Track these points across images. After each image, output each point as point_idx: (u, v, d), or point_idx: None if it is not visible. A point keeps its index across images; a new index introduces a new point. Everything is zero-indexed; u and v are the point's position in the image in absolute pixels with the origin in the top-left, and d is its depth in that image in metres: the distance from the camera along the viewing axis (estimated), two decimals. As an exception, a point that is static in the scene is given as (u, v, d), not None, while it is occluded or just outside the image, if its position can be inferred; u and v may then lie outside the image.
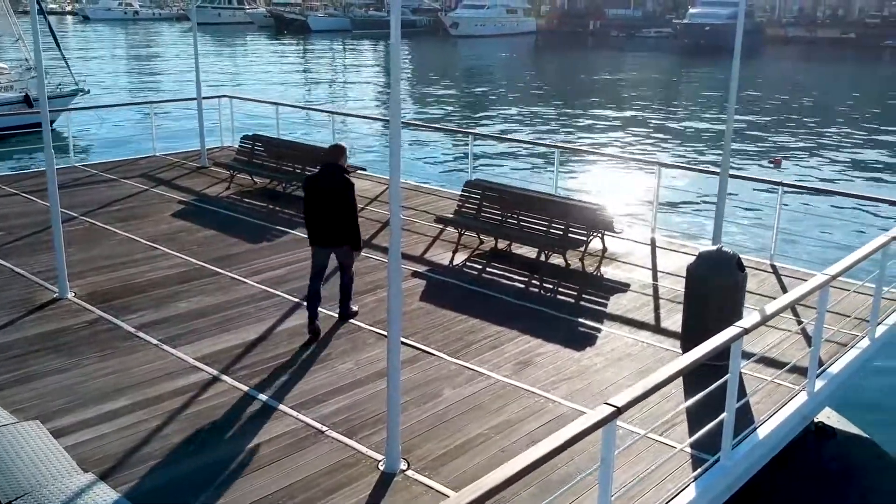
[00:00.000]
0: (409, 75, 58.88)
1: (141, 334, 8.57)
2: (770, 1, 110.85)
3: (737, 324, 6.14)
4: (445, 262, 11.19)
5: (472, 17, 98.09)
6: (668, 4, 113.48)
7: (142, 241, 11.75)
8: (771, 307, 6.74)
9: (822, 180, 23.83)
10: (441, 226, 12.31)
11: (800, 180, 23.00)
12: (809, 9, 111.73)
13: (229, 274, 10.43)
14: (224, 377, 7.65)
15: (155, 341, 8.40)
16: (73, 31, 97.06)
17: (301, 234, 12.07)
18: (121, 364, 7.88)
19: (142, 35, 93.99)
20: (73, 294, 9.64)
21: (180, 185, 15.08)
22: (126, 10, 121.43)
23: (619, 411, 4.63)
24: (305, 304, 8.88)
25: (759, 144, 29.77)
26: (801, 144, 30.43)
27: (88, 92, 30.60)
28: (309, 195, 8.44)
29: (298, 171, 14.37)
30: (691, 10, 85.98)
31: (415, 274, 10.62)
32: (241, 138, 15.68)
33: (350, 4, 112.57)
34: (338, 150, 8.58)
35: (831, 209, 17.32)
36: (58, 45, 29.69)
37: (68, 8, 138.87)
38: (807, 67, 70.87)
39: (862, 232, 15.90)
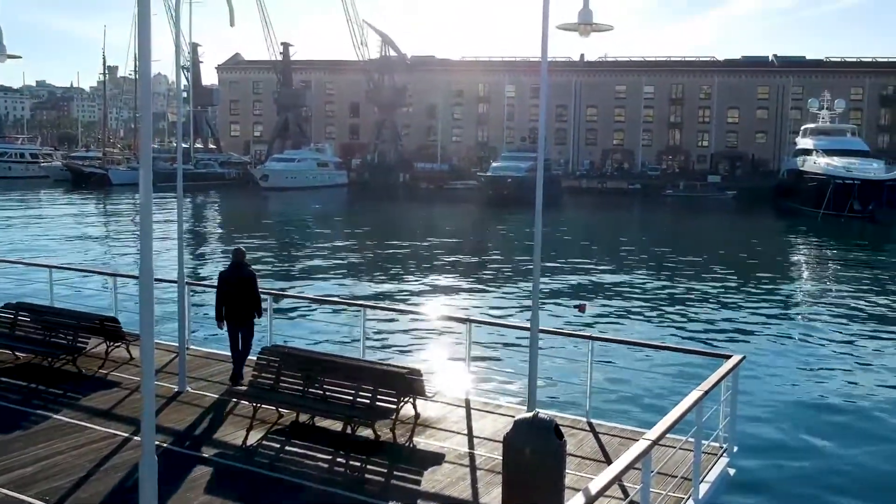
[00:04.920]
0: (212, 229, 57.45)
1: None
2: (564, 155, 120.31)
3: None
4: (238, 442, 9.83)
5: (282, 170, 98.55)
6: (473, 159, 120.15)
7: None
8: (594, 485, 6.10)
9: (627, 316, 24.57)
10: (234, 399, 10.99)
11: (606, 326, 23.52)
12: (599, 162, 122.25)
13: (-36, 477, 8.52)
14: None
15: None
16: None
17: (64, 418, 10.39)
18: None
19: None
20: None
21: (-78, 365, 12.79)
22: None
23: None
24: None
25: (564, 290, 30.63)
26: (604, 288, 31.64)
27: None
28: (224, 286, 11.87)
29: (69, 341, 12.62)
30: (493, 164, 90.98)
31: (200, 461, 9.18)
32: (2, 307, 13.71)
33: (154, 158, 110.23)
34: (242, 253, 12.07)
35: (641, 360, 17.53)
36: None
37: None
38: (601, 215, 76.20)
39: (671, 380, 16.07)
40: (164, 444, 9.47)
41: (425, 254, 41.65)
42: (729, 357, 9.95)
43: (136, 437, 9.73)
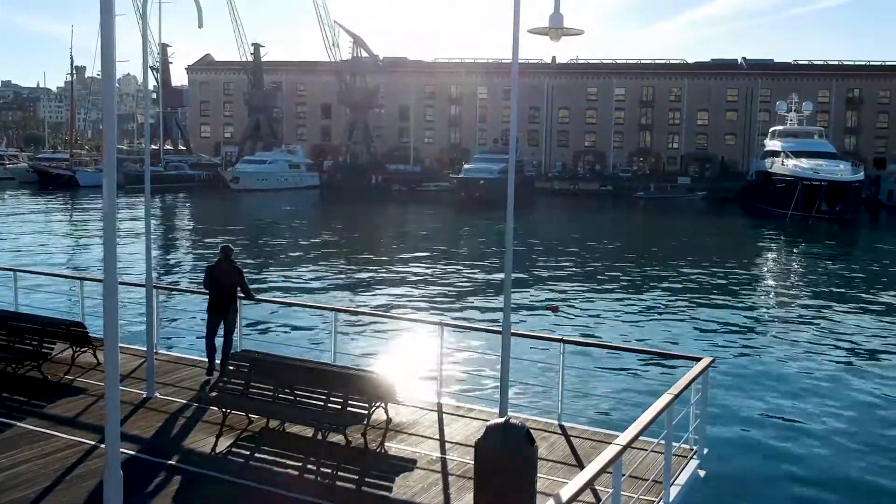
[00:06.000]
0: (181, 232, 56.93)
1: None
2: (537, 156, 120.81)
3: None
4: (207, 449, 9.69)
5: (254, 172, 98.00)
6: (445, 160, 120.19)
7: None
8: (566, 491, 6.10)
9: (598, 319, 24.69)
10: (203, 405, 10.84)
11: (578, 329, 23.59)
12: (571, 164, 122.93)
13: (-77, 489, 8.32)
14: None
15: None
16: None
17: (29, 426, 10.18)
18: None
19: None
20: None
21: None
22: None
23: None
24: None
25: (538, 291, 30.70)
26: (576, 290, 31.76)
27: None
28: (211, 277, 12.49)
29: (34, 346, 12.37)
30: (466, 166, 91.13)
31: (169, 469, 9.04)
32: (-36, 312, 13.42)
33: (123, 160, 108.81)
34: (229, 249, 12.68)
35: (613, 362, 17.61)
36: None
37: None
38: (574, 216, 76.58)
39: (642, 382, 16.14)
40: (132, 452, 9.33)
41: (397, 256, 41.55)
42: (699, 359, 9.99)
43: (102, 445, 9.55)
